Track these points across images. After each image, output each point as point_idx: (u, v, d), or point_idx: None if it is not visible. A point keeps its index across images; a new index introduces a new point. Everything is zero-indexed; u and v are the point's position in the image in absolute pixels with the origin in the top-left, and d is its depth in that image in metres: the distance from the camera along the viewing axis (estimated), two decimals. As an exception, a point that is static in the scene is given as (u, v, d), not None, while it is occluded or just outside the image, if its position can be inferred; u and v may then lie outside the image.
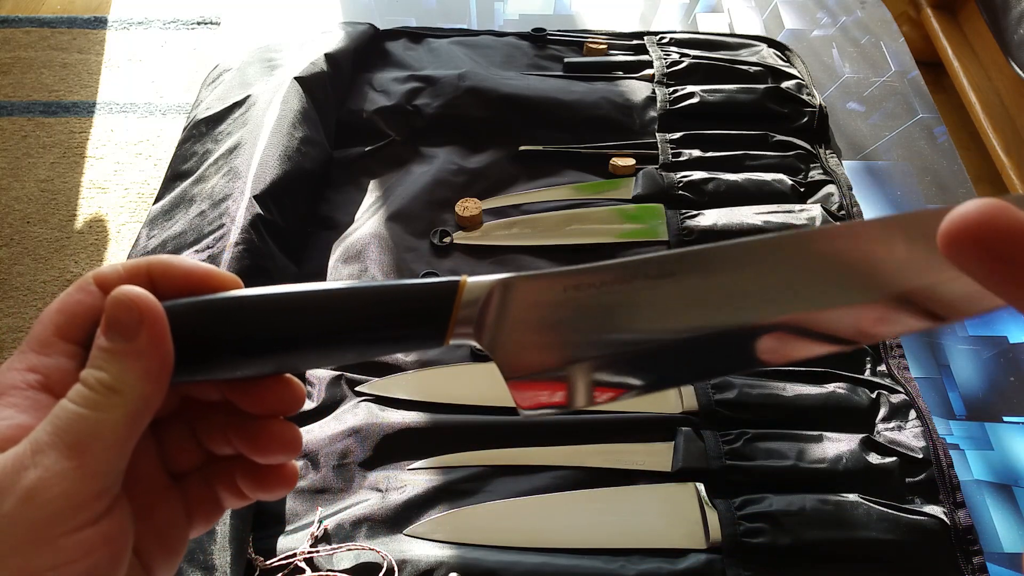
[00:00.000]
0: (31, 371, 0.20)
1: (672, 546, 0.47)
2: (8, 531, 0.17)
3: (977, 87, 1.44)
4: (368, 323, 0.22)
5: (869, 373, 0.56)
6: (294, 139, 0.63)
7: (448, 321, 0.22)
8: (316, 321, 0.22)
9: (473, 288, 0.22)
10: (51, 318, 0.21)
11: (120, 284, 0.21)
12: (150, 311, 0.20)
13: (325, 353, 0.22)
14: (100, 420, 0.18)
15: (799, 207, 0.64)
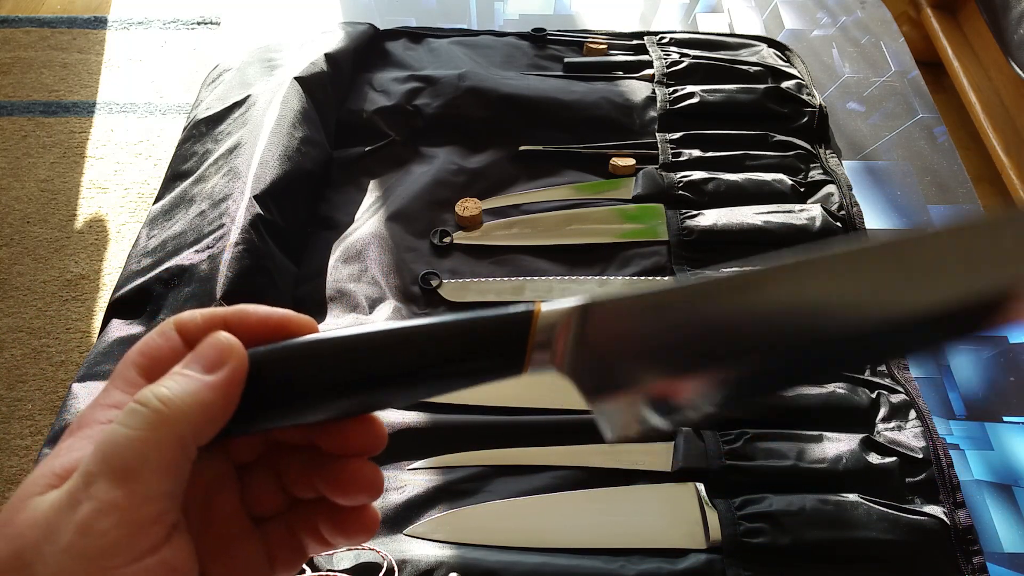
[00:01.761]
0: (112, 407, 0.20)
1: (672, 546, 0.47)
2: (68, 567, 0.17)
3: (977, 87, 1.44)
4: (446, 359, 0.22)
5: (869, 373, 0.56)
6: (294, 139, 0.63)
7: (525, 350, 0.22)
8: (394, 361, 0.22)
9: (548, 315, 0.22)
10: (133, 358, 0.21)
11: (198, 331, 0.22)
12: (236, 355, 0.20)
13: (404, 392, 0.23)
14: (146, 440, 0.18)
15: (799, 207, 0.64)
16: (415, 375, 0.22)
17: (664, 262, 0.62)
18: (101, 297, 1.23)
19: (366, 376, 0.22)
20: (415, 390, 0.22)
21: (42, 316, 1.21)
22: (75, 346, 1.17)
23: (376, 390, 0.22)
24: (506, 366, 0.22)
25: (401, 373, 0.22)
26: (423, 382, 0.22)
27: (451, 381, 0.23)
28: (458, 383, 0.23)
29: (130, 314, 0.55)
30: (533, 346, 0.22)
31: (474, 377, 0.23)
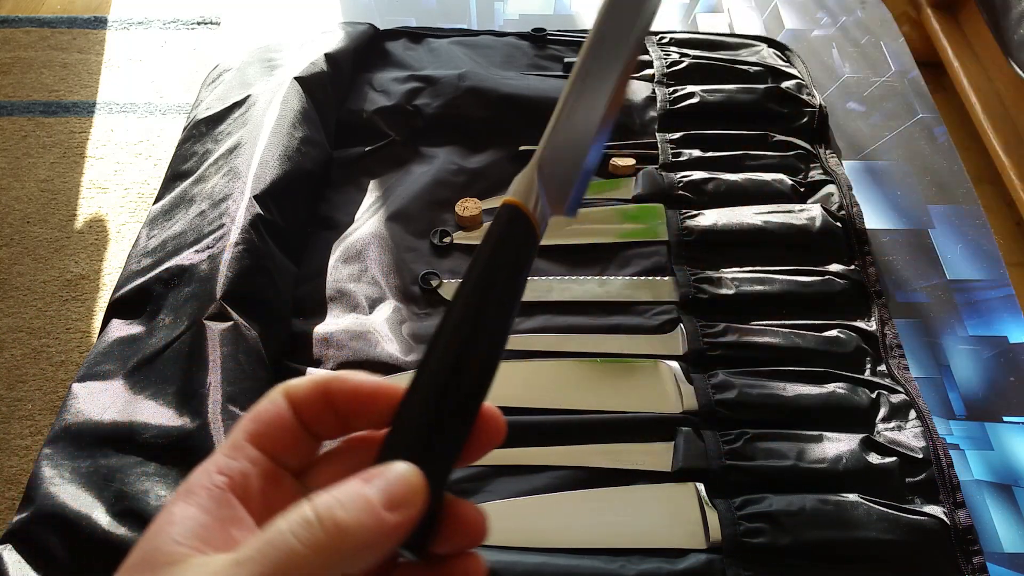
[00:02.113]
0: (219, 472, 0.21)
1: (672, 546, 0.47)
2: None
3: (977, 87, 1.44)
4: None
5: (869, 373, 0.56)
6: (294, 139, 0.63)
7: (534, 229, 0.25)
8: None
9: (522, 194, 0.25)
10: (244, 425, 0.22)
11: (307, 399, 0.22)
12: (421, 498, 0.20)
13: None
14: (312, 563, 0.18)
15: (799, 207, 0.64)
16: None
17: (664, 262, 0.62)
18: (101, 297, 1.23)
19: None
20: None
21: (42, 316, 1.21)
22: (75, 346, 1.17)
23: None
24: (529, 243, 0.24)
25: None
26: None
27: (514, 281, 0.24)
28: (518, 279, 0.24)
29: (130, 314, 0.55)
30: (535, 219, 0.24)
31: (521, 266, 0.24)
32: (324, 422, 0.23)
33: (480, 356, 0.22)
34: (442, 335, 0.22)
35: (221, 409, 0.47)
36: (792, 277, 0.60)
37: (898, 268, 0.64)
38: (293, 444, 0.23)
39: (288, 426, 0.22)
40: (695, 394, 0.53)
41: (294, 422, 0.23)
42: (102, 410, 0.49)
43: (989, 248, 0.66)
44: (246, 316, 0.52)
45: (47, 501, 0.44)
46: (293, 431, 0.23)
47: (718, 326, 0.57)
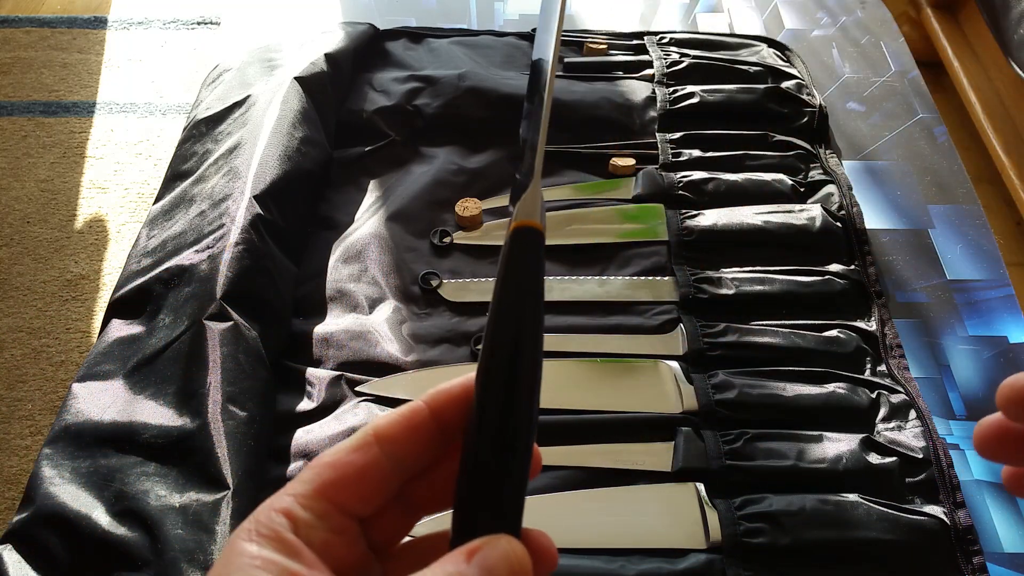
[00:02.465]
0: (284, 514, 0.20)
1: (672, 546, 0.47)
2: None
3: (977, 87, 1.44)
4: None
5: (869, 373, 0.56)
6: (294, 139, 0.63)
7: (541, 238, 0.23)
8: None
9: (530, 213, 0.23)
10: (321, 472, 0.21)
11: (401, 438, 0.21)
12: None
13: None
14: None
15: (799, 207, 0.64)
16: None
17: (664, 262, 0.62)
18: (101, 297, 1.23)
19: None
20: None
21: (42, 316, 1.21)
22: (75, 346, 1.17)
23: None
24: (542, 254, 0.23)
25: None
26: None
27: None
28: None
29: (130, 314, 0.55)
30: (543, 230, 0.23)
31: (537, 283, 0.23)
32: (420, 454, 0.22)
33: (531, 383, 0.21)
34: (493, 371, 0.21)
35: (221, 409, 0.47)
36: (792, 277, 0.60)
37: (898, 268, 0.64)
38: (375, 493, 0.22)
39: (375, 477, 0.21)
40: (695, 394, 0.53)
41: (385, 471, 0.22)
42: (102, 410, 0.49)
43: (989, 248, 0.66)
44: (246, 316, 0.52)
45: (47, 501, 0.44)
46: (380, 480, 0.22)
47: (718, 326, 0.57)
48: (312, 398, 0.53)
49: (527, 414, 0.21)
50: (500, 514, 0.20)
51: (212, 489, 0.45)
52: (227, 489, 0.44)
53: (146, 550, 0.42)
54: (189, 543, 0.42)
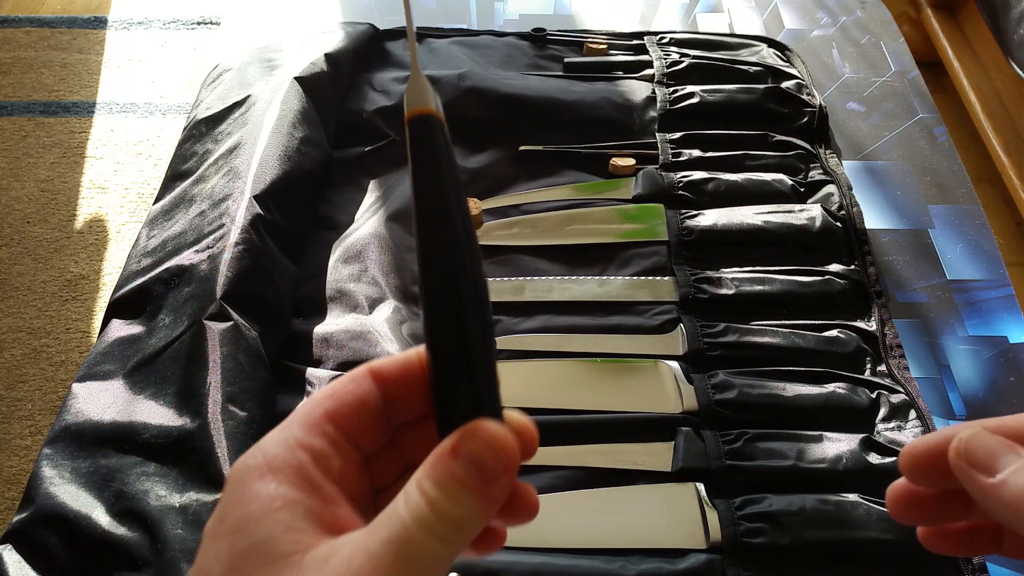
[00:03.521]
0: (297, 444, 0.20)
1: (672, 546, 0.47)
2: None
3: (977, 87, 1.44)
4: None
5: (869, 373, 0.56)
6: (294, 139, 0.63)
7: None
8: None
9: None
10: (322, 402, 0.21)
11: (396, 378, 0.22)
12: (515, 461, 0.20)
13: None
14: (443, 553, 0.19)
15: (799, 207, 0.64)
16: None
17: (664, 262, 0.62)
18: (101, 297, 1.23)
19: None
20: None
21: (42, 316, 1.21)
22: (75, 346, 1.17)
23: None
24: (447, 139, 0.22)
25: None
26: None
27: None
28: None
29: (130, 314, 0.55)
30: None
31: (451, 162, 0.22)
32: (411, 400, 0.22)
33: (471, 266, 0.21)
34: (430, 258, 0.21)
35: (221, 409, 0.47)
36: (792, 277, 0.60)
37: (898, 268, 0.64)
38: (373, 427, 0.22)
39: (371, 408, 0.22)
40: (695, 394, 0.53)
41: (379, 404, 0.22)
42: (102, 410, 0.49)
43: (989, 248, 0.66)
44: (246, 316, 0.52)
45: (47, 501, 0.44)
46: (375, 413, 0.22)
47: (718, 326, 0.57)
48: (312, 398, 0.53)
49: (472, 292, 0.21)
50: (475, 403, 0.20)
51: (212, 489, 0.45)
52: (227, 489, 0.44)
53: (146, 550, 0.42)
54: (189, 543, 0.42)
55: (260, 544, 0.18)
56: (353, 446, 0.22)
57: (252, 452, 0.20)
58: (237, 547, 0.18)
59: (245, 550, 0.18)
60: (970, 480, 0.22)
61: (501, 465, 0.20)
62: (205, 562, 0.19)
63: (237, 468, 0.20)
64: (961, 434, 0.22)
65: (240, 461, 0.20)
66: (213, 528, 0.19)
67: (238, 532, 0.19)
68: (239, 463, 0.20)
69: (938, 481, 0.23)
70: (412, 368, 0.22)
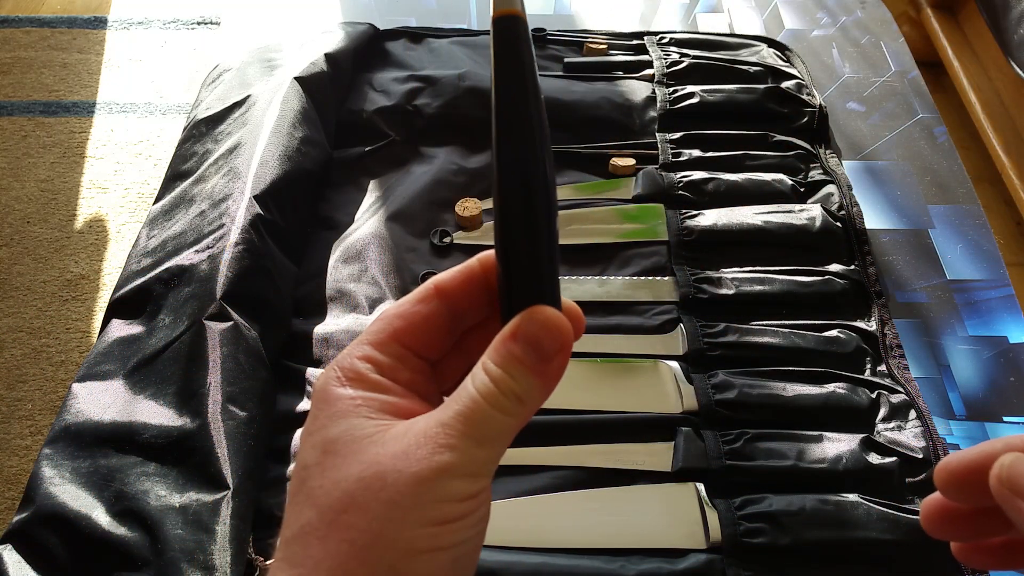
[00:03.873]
0: (367, 360, 0.23)
1: (672, 546, 0.47)
2: (411, 490, 0.20)
3: (977, 87, 1.44)
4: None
5: (869, 373, 0.56)
6: (294, 139, 0.63)
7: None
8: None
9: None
10: (391, 322, 0.24)
11: (459, 289, 0.24)
12: (569, 342, 0.22)
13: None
14: (507, 424, 0.21)
15: (799, 207, 0.64)
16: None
17: (664, 262, 0.62)
18: (101, 297, 1.23)
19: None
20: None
21: (42, 316, 1.21)
22: (75, 346, 1.17)
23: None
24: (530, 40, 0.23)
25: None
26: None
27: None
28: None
29: (130, 314, 0.55)
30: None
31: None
32: (474, 307, 0.24)
33: (544, 167, 0.22)
34: (507, 162, 0.22)
35: (221, 409, 0.47)
36: (792, 277, 0.60)
37: (898, 268, 0.64)
38: (440, 339, 0.24)
39: (438, 324, 0.24)
40: (695, 394, 0.53)
41: (444, 319, 0.24)
42: (102, 410, 0.49)
43: (989, 248, 0.66)
44: (246, 316, 0.52)
45: (47, 501, 0.44)
46: (442, 328, 0.24)
47: (718, 326, 0.57)
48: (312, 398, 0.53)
49: (544, 186, 0.22)
50: (537, 292, 0.22)
51: (212, 489, 0.45)
52: (227, 489, 0.44)
53: (146, 550, 0.42)
54: (189, 543, 0.42)
55: (348, 430, 0.21)
56: (420, 358, 0.24)
57: (329, 369, 0.23)
58: (329, 435, 0.22)
59: (336, 436, 0.21)
60: (1014, 508, 0.21)
61: (556, 345, 0.22)
62: (302, 457, 0.22)
63: (320, 382, 0.23)
64: (1003, 459, 0.22)
65: (321, 377, 0.23)
66: (307, 429, 0.22)
67: (327, 426, 0.22)
68: (321, 379, 0.23)
69: (976, 499, 0.23)
70: (474, 277, 0.24)
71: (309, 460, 0.21)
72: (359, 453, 0.21)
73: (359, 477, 0.20)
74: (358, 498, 0.20)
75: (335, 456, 0.21)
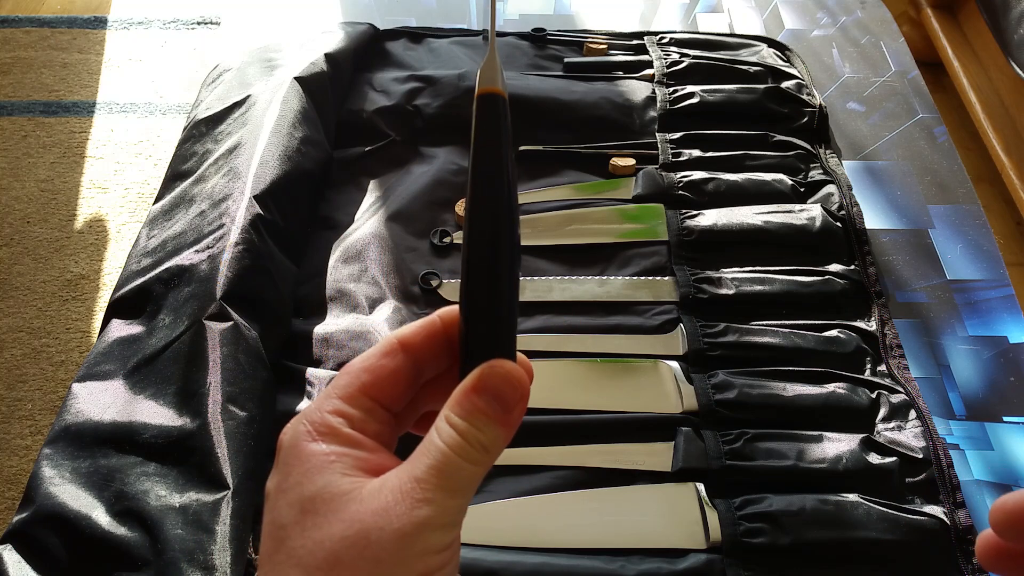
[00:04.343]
0: (338, 414, 0.23)
1: (672, 546, 0.47)
2: (394, 546, 0.20)
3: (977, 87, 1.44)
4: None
5: (869, 373, 0.56)
6: (294, 139, 0.63)
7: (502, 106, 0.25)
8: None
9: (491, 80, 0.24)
10: (359, 376, 0.24)
11: (422, 343, 0.25)
12: (527, 392, 0.23)
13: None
14: (475, 472, 0.22)
15: (799, 207, 0.64)
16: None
17: (664, 262, 0.62)
18: (101, 297, 1.23)
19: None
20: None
21: (42, 316, 1.21)
22: (75, 346, 1.17)
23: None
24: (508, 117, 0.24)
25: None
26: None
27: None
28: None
29: (130, 314, 0.55)
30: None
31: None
32: (435, 359, 0.25)
33: (510, 234, 0.24)
34: (476, 224, 0.24)
35: (221, 409, 0.47)
36: (792, 277, 0.60)
37: (898, 268, 0.64)
38: (404, 392, 0.25)
39: (403, 377, 0.24)
40: (695, 394, 0.53)
41: (410, 372, 0.25)
42: (102, 410, 0.49)
43: (989, 248, 0.66)
44: (246, 316, 0.52)
45: (47, 501, 0.44)
46: (406, 381, 0.25)
47: (718, 326, 0.57)
48: (312, 398, 0.53)
49: (509, 254, 0.24)
50: (497, 346, 0.24)
51: (212, 489, 0.45)
52: (227, 489, 0.44)
53: (146, 550, 0.42)
54: (189, 543, 0.42)
55: (325, 487, 0.22)
56: (385, 410, 0.24)
57: (298, 422, 0.23)
58: (306, 493, 0.22)
59: (313, 494, 0.21)
60: None
61: (517, 395, 0.23)
62: (276, 514, 0.22)
63: (289, 435, 0.23)
64: None
65: (290, 429, 0.23)
66: (278, 486, 0.23)
67: (302, 483, 0.22)
68: (290, 432, 0.23)
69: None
70: (435, 332, 0.25)
71: (286, 519, 0.22)
72: (339, 512, 0.21)
73: (342, 536, 0.21)
74: (344, 557, 0.20)
75: (315, 515, 0.21)
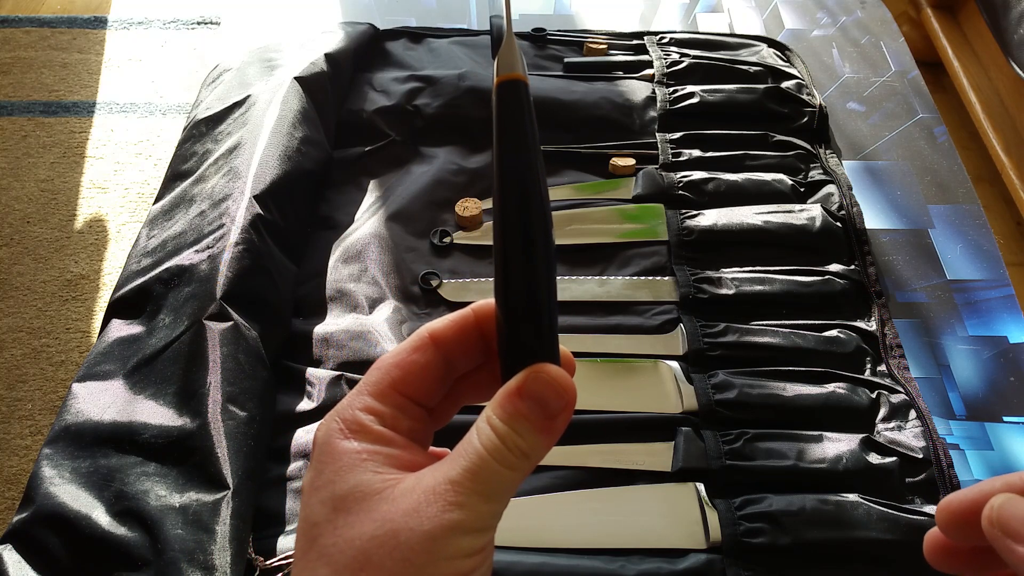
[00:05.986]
0: (368, 411, 0.23)
1: (672, 546, 0.47)
2: (423, 546, 0.20)
3: (977, 87, 1.44)
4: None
5: (869, 373, 0.56)
6: (294, 139, 0.63)
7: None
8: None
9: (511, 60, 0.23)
10: (389, 372, 0.24)
11: (454, 338, 0.24)
12: (573, 400, 0.23)
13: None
14: (512, 479, 0.22)
15: (799, 207, 0.64)
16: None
17: (664, 262, 0.62)
18: (101, 297, 1.23)
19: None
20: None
21: (42, 316, 1.21)
22: (75, 346, 1.17)
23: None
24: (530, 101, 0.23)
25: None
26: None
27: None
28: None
29: (130, 314, 0.55)
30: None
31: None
32: (468, 354, 0.25)
33: (543, 226, 0.23)
34: (508, 220, 0.22)
35: (221, 409, 0.47)
36: (792, 277, 0.60)
37: (898, 268, 0.64)
38: (436, 387, 0.24)
39: (434, 373, 0.24)
40: (695, 394, 0.53)
41: (441, 367, 0.24)
42: (102, 410, 0.49)
43: (989, 248, 0.66)
44: (246, 316, 0.52)
45: (47, 501, 0.44)
46: (438, 376, 0.24)
47: (718, 326, 0.57)
48: (312, 398, 0.53)
49: (544, 250, 0.22)
50: (540, 349, 0.23)
51: (212, 489, 0.45)
52: (227, 489, 0.44)
53: (146, 550, 0.42)
54: (189, 543, 0.42)
55: (357, 486, 0.22)
56: (418, 406, 0.24)
57: (330, 420, 0.23)
58: (338, 492, 0.22)
59: (345, 493, 0.22)
60: (1004, 548, 0.21)
61: (562, 403, 0.22)
62: (310, 512, 0.22)
63: (322, 434, 0.23)
64: (994, 500, 0.22)
65: (323, 428, 0.23)
66: (312, 483, 0.22)
67: (335, 481, 0.22)
68: (322, 430, 0.23)
69: (975, 538, 0.23)
70: (468, 326, 0.25)
71: (319, 517, 0.22)
72: (370, 511, 0.21)
73: (372, 535, 0.21)
74: (373, 557, 0.20)
75: (347, 514, 0.21)
